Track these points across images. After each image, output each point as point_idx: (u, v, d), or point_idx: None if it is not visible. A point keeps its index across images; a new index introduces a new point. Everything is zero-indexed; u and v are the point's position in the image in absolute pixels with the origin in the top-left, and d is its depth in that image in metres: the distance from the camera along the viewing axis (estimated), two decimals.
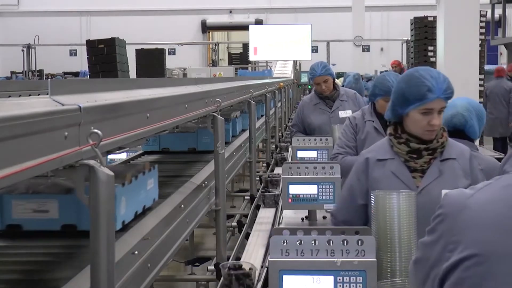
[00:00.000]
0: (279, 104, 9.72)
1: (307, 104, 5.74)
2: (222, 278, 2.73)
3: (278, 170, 5.88)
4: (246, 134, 6.12)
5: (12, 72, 22.55)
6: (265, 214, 4.47)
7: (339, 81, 7.48)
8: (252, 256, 3.46)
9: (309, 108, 5.68)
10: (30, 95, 4.52)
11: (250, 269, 2.68)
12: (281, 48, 19.25)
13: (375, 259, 2.16)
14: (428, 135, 2.82)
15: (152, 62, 18.36)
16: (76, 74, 21.51)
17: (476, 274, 1.41)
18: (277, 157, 7.05)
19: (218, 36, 29.82)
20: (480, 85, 12.24)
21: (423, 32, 16.89)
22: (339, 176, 3.50)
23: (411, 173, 2.85)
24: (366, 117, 4.27)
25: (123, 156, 4.72)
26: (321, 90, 5.57)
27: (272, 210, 4.53)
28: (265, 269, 2.96)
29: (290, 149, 6.62)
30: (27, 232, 2.43)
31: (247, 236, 4.46)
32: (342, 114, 5.46)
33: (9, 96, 4.33)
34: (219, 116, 3.66)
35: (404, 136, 2.86)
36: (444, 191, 1.71)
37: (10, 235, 2.45)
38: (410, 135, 2.85)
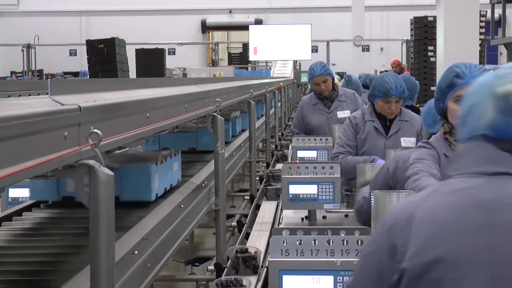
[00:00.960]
0: (279, 104, 9.72)
1: (306, 104, 5.73)
2: (230, 261, 2.96)
3: (279, 167, 5.89)
4: (246, 134, 6.12)
5: (12, 72, 22.56)
6: (265, 214, 4.48)
7: (338, 81, 7.47)
8: None
9: (308, 108, 5.67)
10: (30, 95, 4.52)
11: (255, 252, 2.93)
12: (281, 48, 19.25)
13: None
14: None
15: (152, 62, 18.36)
16: (76, 74, 21.51)
17: (428, 279, 1.41)
18: (278, 154, 7.06)
19: (218, 36, 29.81)
20: None
21: (423, 32, 16.89)
22: (339, 176, 3.49)
23: None
24: (366, 117, 4.27)
25: None
26: (320, 90, 5.56)
27: (272, 210, 4.54)
28: (265, 269, 2.96)
29: (290, 147, 6.63)
30: (78, 203, 2.52)
31: (247, 236, 4.46)
32: (341, 114, 5.46)
33: (9, 96, 4.33)
34: (219, 116, 3.66)
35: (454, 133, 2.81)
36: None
37: (65, 205, 3.02)
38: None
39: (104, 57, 15.92)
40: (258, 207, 5.19)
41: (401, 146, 4.08)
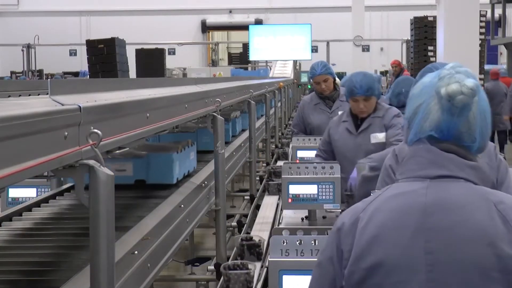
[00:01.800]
0: (279, 104, 9.72)
1: (307, 104, 5.69)
2: (235, 248, 3.22)
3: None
4: (246, 134, 6.12)
5: (12, 72, 22.55)
6: (265, 214, 4.48)
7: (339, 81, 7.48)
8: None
9: (309, 108, 5.63)
10: (30, 95, 4.51)
11: (259, 240, 3.15)
12: (281, 48, 19.24)
13: None
14: None
15: (152, 62, 18.35)
16: (76, 74, 21.50)
17: (369, 285, 1.42)
18: (278, 151, 7.08)
19: (218, 36, 29.81)
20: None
21: (423, 32, 16.89)
22: (339, 176, 3.50)
23: None
24: (343, 117, 4.28)
25: None
26: (321, 89, 5.51)
27: (272, 210, 4.54)
28: (265, 269, 2.96)
29: (290, 147, 6.64)
30: None
31: None
32: None
33: (9, 96, 4.33)
34: (219, 116, 3.66)
35: None
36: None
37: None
38: None
39: (104, 57, 15.92)
40: (258, 207, 5.19)
41: (371, 142, 4.10)
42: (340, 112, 5.38)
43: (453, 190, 1.46)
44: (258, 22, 26.60)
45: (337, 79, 5.87)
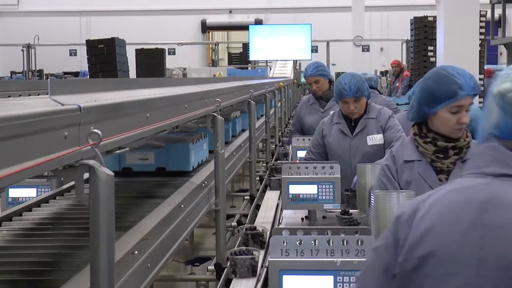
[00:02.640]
0: (279, 104, 9.72)
1: (304, 104, 5.78)
2: (240, 237, 3.47)
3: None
4: (246, 134, 6.12)
5: (12, 72, 22.55)
6: (265, 214, 4.48)
7: None
8: None
9: (306, 108, 5.71)
10: (30, 95, 4.52)
11: (262, 230, 3.42)
12: (281, 48, 19.23)
13: None
14: (457, 133, 2.77)
15: (152, 62, 18.34)
16: (76, 74, 21.50)
17: (420, 274, 1.45)
18: (279, 150, 7.09)
19: (218, 36, 29.81)
20: (480, 85, 12.18)
21: (423, 32, 16.87)
22: (339, 176, 3.49)
23: (437, 175, 2.82)
24: (334, 119, 4.28)
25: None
26: (313, 90, 5.61)
27: (272, 210, 4.53)
28: (265, 269, 2.96)
29: (290, 146, 6.64)
30: (135, 172, 3.90)
31: None
32: None
33: (9, 96, 4.33)
34: (219, 116, 3.66)
35: (430, 135, 2.81)
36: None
37: (124, 175, 3.87)
38: (436, 134, 2.80)
39: (104, 57, 15.91)
40: (258, 207, 5.19)
41: (367, 144, 4.11)
42: (332, 112, 5.36)
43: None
44: (258, 22, 26.59)
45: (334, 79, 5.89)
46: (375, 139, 4.11)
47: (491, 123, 1.55)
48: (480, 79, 10.73)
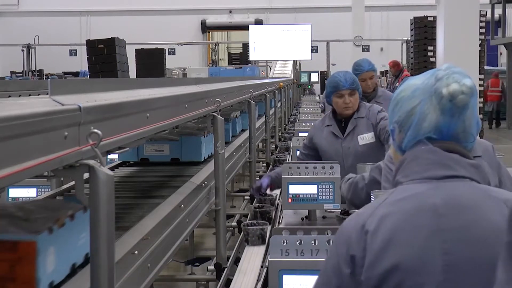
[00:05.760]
0: (279, 104, 9.72)
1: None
2: (249, 214, 4.03)
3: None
4: (246, 134, 6.12)
5: (12, 72, 22.56)
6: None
7: None
8: (252, 255, 3.46)
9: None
10: (30, 95, 4.52)
11: (269, 208, 3.99)
12: (281, 48, 19.24)
13: None
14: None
15: (152, 62, 18.37)
16: (76, 74, 21.51)
17: None
18: (281, 145, 7.14)
19: (218, 36, 29.82)
20: (480, 85, 12.27)
21: (423, 32, 16.89)
22: (339, 176, 3.49)
23: None
24: (326, 122, 4.25)
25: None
26: (367, 86, 5.28)
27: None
28: (265, 269, 2.96)
29: (290, 145, 6.66)
30: (152, 162, 4.33)
31: None
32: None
33: (9, 96, 4.33)
34: (219, 116, 3.66)
35: None
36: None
37: (142, 164, 4.34)
38: None
39: (104, 57, 15.93)
40: None
41: (359, 144, 4.08)
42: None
43: (461, 190, 1.46)
44: (258, 22, 26.60)
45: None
46: (366, 138, 4.08)
47: (429, 126, 1.51)
48: (480, 79, 10.72)
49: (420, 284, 1.39)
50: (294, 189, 3.49)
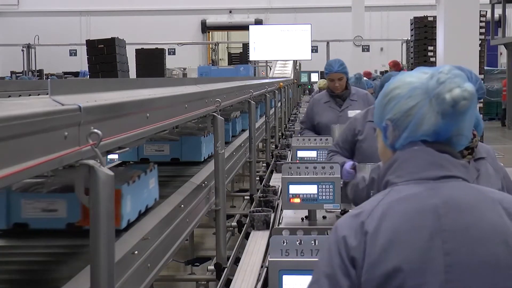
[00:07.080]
0: (279, 104, 9.72)
1: (317, 102, 5.75)
2: (254, 203, 4.50)
3: (276, 176, 5.92)
4: (246, 134, 6.12)
5: (12, 72, 22.56)
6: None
7: None
8: (252, 256, 3.46)
9: (320, 106, 5.70)
10: (30, 95, 4.52)
11: (272, 197, 4.48)
12: (281, 48, 19.25)
13: None
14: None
15: (152, 62, 18.37)
16: (76, 74, 21.51)
17: None
18: (282, 142, 7.17)
19: (218, 36, 29.82)
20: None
21: (423, 32, 16.89)
22: (339, 176, 3.49)
23: None
24: (369, 117, 4.24)
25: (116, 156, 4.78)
26: (334, 87, 5.56)
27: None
28: (265, 269, 2.96)
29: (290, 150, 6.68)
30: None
31: (247, 236, 4.46)
32: (351, 114, 5.40)
33: (9, 96, 4.33)
34: (219, 116, 3.66)
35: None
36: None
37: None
38: None
39: (104, 57, 15.93)
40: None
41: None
42: (349, 112, 5.39)
43: (458, 190, 1.47)
44: (258, 22, 26.61)
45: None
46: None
47: (427, 129, 1.50)
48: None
49: (422, 285, 1.39)
50: (294, 189, 3.49)
